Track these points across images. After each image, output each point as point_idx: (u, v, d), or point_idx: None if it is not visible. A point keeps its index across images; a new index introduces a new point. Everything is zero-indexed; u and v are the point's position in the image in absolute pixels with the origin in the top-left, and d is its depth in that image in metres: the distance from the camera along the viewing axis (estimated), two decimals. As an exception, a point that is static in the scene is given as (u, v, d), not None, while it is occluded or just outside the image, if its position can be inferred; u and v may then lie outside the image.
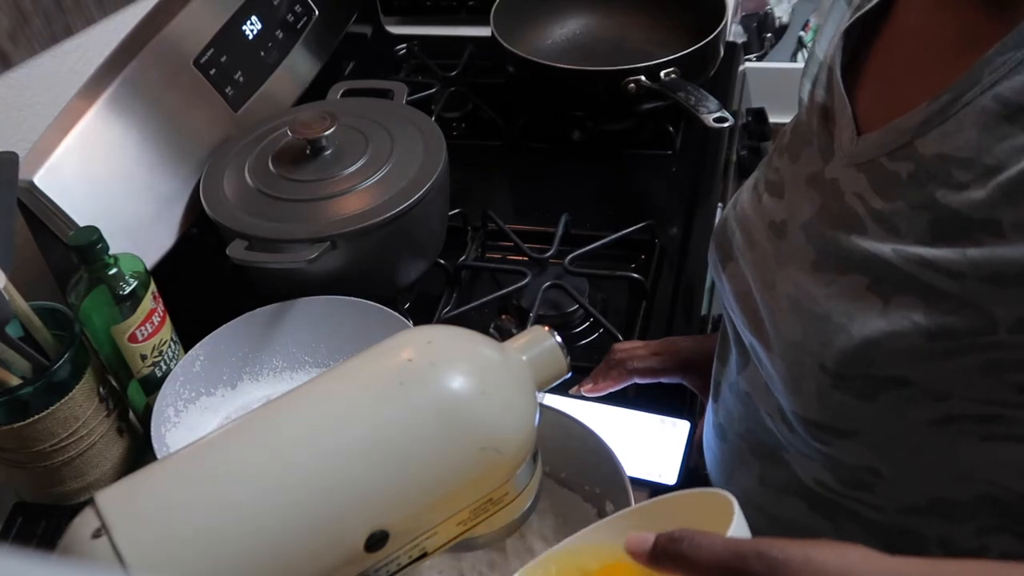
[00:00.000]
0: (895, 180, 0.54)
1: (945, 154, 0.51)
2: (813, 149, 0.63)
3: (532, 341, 0.55)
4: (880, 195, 0.55)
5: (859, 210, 0.57)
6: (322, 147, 0.94)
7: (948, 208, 0.51)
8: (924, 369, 0.54)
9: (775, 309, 0.62)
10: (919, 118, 0.53)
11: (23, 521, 0.80)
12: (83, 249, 0.77)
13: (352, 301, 0.88)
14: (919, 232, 0.52)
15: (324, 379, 0.51)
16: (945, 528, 0.62)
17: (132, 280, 0.80)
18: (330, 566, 0.46)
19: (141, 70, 0.94)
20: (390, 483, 0.47)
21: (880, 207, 0.55)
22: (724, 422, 0.75)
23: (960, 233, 0.50)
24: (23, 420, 0.75)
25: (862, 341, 0.55)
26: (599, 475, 0.71)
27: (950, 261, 0.51)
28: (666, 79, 1.07)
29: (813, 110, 0.64)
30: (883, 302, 0.54)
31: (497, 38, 1.17)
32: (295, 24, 1.17)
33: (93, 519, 0.44)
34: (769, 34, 1.81)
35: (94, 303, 0.79)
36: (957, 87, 0.51)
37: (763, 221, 0.66)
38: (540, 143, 1.22)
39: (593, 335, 0.94)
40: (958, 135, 0.51)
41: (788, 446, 0.66)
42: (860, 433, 0.59)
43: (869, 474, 0.62)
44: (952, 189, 0.51)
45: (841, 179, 0.59)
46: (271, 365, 0.90)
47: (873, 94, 0.60)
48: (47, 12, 0.93)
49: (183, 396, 0.84)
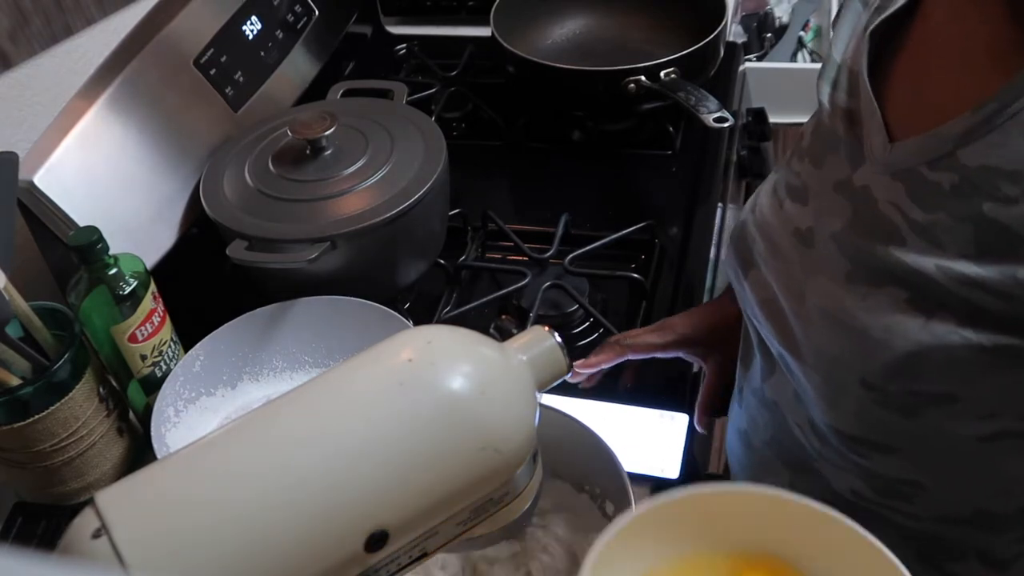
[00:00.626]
0: (936, 191, 0.52)
1: (991, 166, 0.50)
2: (840, 154, 0.61)
3: (532, 341, 0.55)
4: (920, 206, 0.53)
5: (896, 220, 0.55)
6: (322, 147, 0.94)
7: (996, 222, 0.49)
8: (973, 384, 0.52)
9: (806, 320, 0.60)
10: (962, 127, 0.51)
11: (23, 521, 0.80)
12: (83, 249, 0.77)
13: (353, 301, 0.88)
14: (962, 245, 0.51)
15: (324, 379, 0.51)
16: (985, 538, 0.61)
17: (132, 280, 0.80)
18: (330, 566, 0.46)
19: (141, 70, 0.94)
20: (390, 483, 0.47)
21: (920, 218, 0.53)
22: (748, 428, 0.74)
23: (1007, 248, 0.49)
24: (23, 420, 0.75)
25: (906, 355, 0.53)
26: (599, 475, 0.71)
27: (999, 282, 0.49)
28: (666, 79, 1.07)
29: (836, 114, 0.62)
30: (925, 317, 0.52)
31: (497, 38, 1.17)
32: (295, 24, 1.17)
33: (93, 519, 0.44)
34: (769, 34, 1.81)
35: (94, 303, 0.79)
36: (1002, 96, 0.49)
37: (787, 228, 0.64)
38: (540, 143, 1.22)
39: (593, 335, 0.94)
40: (1005, 147, 0.49)
41: (819, 457, 0.65)
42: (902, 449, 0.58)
43: (909, 486, 0.60)
44: (1000, 203, 0.49)
45: (873, 186, 0.57)
46: (271, 365, 0.90)
47: (904, 99, 0.58)
48: (47, 12, 0.94)
49: (183, 396, 0.84)
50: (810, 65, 1.78)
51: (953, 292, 0.51)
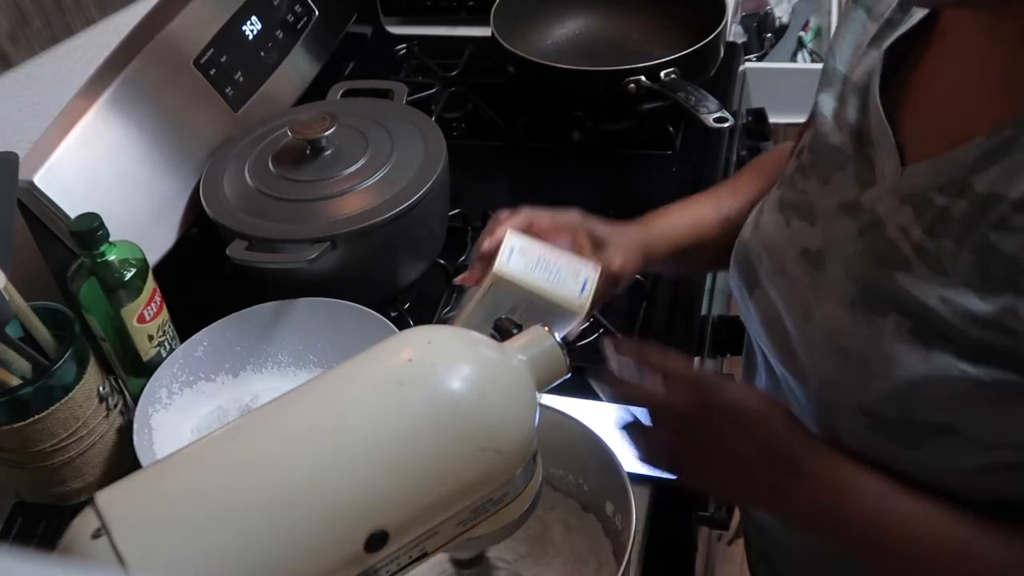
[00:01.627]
0: (944, 217, 0.52)
1: (1000, 194, 0.49)
2: (847, 174, 0.60)
3: (532, 341, 0.55)
4: (927, 231, 0.53)
5: (903, 246, 0.54)
6: (322, 147, 0.94)
7: (1001, 252, 0.49)
8: (972, 416, 0.52)
9: (810, 343, 0.60)
10: (975, 153, 0.50)
11: (23, 521, 0.80)
12: (84, 235, 0.78)
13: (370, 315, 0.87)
14: (965, 273, 0.50)
15: (324, 379, 0.51)
16: None
17: (134, 264, 0.81)
18: (330, 566, 0.46)
19: (141, 70, 0.94)
20: (390, 483, 0.47)
21: (926, 244, 0.53)
22: None
23: (1008, 279, 0.49)
24: (23, 420, 0.75)
25: (903, 385, 0.53)
26: (599, 475, 0.71)
27: (1001, 319, 0.49)
28: (666, 79, 1.07)
29: (843, 131, 0.61)
30: (926, 347, 0.52)
31: (497, 38, 1.17)
32: (295, 24, 1.17)
33: (93, 519, 0.44)
34: (769, 34, 1.81)
35: (96, 289, 0.80)
36: (1018, 123, 0.49)
37: (794, 247, 0.63)
38: (540, 143, 1.22)
39: (593, 335, 0.94)
40: (1017, 174, 0.48)
41: None
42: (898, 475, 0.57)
43: None
44: (1006, 231, 0.49)
45: (882, 210, 0.56)
46: (276, 359, 0.90)
47: (919, 122, 0.57)
48: (47, 12, 0.94)
49: (180, 379, 0.85)
50: (810, 65, 1.78)
51: (954, 325, 0.51)
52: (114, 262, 0.80)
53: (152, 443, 0.80)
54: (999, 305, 0.49)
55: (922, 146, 0.55)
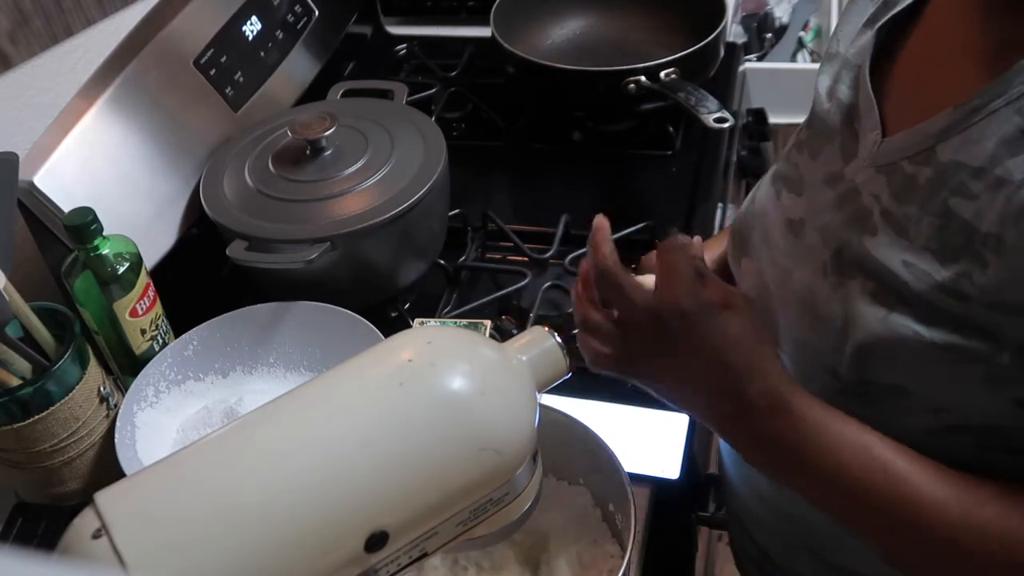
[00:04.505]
0: (912, 184, 0.54)
1: (961, 162, 0.51)
2: (834, 147, 0.62)
3: (532, 341, 0.55)
4: (894, 197, 0.55)
5: (873, 211, 0.56)
6: (322, 147, 0.94)
7: (959, 217, 0.51)
8: (923, 379, 0.53)
9: (787, 307, 0.62)
10: (943, 123, 0.52)
11: (23, 521, 0.80)
12: (78, 229, 0.78)
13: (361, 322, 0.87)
14: (926, 237, 0.52)
15: (324, 379, 0.51)
16: None
17: (127, 258, 0.81)
18: (330, 566, 0.46)
19: (141, 70, 0.94)
20: (390, 484, 0.47)
21: (893, 209, 0.55)
22: None
23: (965, 244, 0.50)
24: (23, 420, 0.75)
25: (862, 345, 0.55)
26: (599, 475, 0.71)
27: (957, 284, 0.50)
28: (666, 79, 1.07)
29: (835, 107, 0.63)
30: (886, 309, 0.54)
31: (497, 38, 1.17)
32: (295, 24, 1.17)
33: (93, 519, 0.44)
34: (769, 34, 1.81)
35: (91, 283, 0.80)
36: (984, 94, 0.50)
37: (781, 218, 0.66)
38: (540, 143, 1.22)
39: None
40: (978, 144, 0.50)
41: None
42: None
43: None
44: (965, 198, 0.50)
45: (860, 180, 0.58)
46: (266, 361, 0.90)
47: (900, 96, 0.59)
48: (47, 12, 0.94)
49: (168, 377, 0.85)
50: (810, 65, 1.78)
51: (914, 289, 0.52)
52: (108, 255, 0.80)
53: (135, 441, 0.80)
54: (955, 270, 0.51)
55: (903, 119, 0.57)
